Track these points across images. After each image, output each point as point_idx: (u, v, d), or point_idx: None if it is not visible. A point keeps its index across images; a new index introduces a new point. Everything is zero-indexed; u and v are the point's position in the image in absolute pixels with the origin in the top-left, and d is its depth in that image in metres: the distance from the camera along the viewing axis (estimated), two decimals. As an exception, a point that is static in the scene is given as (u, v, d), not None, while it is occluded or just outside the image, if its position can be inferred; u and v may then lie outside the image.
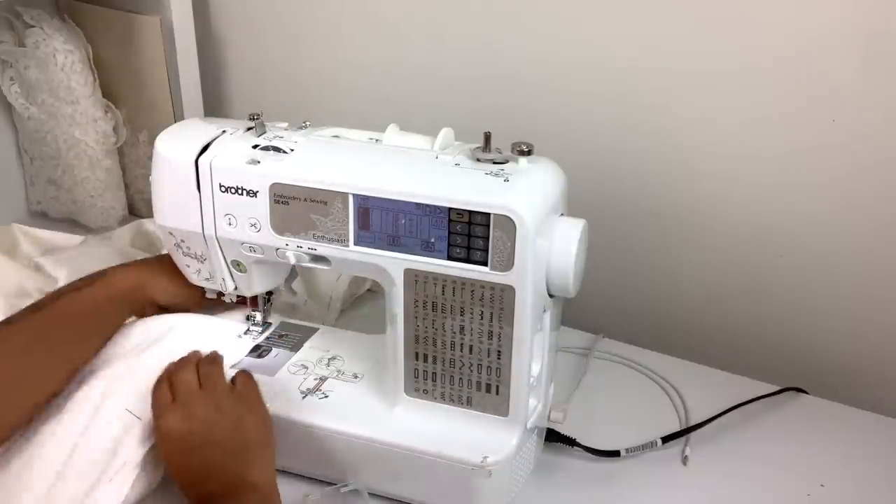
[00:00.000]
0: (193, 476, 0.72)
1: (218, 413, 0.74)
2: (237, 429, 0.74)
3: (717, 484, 0.84)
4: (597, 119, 1.03)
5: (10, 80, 1.19)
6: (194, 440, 0.72)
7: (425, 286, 0.74)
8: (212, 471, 0.72)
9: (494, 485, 0.76)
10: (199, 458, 0.72)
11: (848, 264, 0.97)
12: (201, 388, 0.76)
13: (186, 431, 0.72)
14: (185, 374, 0.77)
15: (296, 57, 1.22)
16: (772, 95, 0.93)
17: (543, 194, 0.72)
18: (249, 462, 0.73)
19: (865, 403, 0.94)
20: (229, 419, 0.74)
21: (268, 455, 0.75)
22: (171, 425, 0.73)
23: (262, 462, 0.74)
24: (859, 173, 0.93)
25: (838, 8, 0.87)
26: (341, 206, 0.73)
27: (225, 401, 0.75)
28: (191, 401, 0.74)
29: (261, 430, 0.76)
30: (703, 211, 1.03)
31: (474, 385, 0.77)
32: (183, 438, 0.73)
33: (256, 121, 0.79)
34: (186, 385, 0.76)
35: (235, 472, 0.72)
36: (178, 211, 0.80)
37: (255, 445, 0.74)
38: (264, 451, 0.75)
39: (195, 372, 0.77)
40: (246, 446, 0.73)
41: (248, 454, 0.73)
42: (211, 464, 0.72)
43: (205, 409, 0.74)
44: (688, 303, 1.09)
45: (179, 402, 0.74)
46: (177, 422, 0.73)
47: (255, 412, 0.76)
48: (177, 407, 0.74)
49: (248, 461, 0.73)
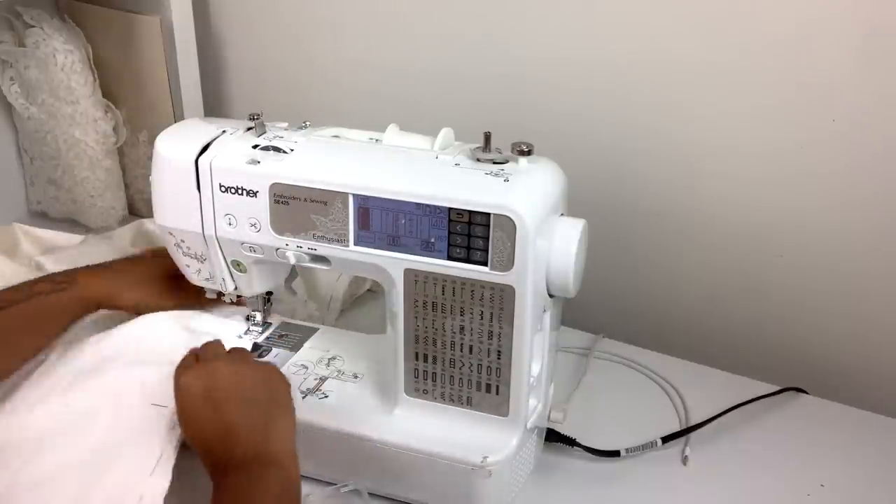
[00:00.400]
0: (216, 436, 0.68)
1: (244, 370, 0.72)
2: (264, 387, 0.71)
3: (717, 484, 0.84)
4: (597, 119, 1.04)
5: (10, 80, 1.19)
6: (217, 396, 0.69)
7: (425, 286, 0.74)
8: (235, 431, 0.68)
9: (494, 485, 0.76)
10: (221, 416, 0.68)
11: (848, 264, 0.97)
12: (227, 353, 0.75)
13: (209, 388, 0.69)
14: (212, 345, 0.76)
15: (296, 57, 1.22)
16: (771, 95, 0.93)
17: (543, 194, 0.72)
18: (273, 427, 0.69)
19: (865, 403, 0.94)
20: (256, 376, 0.72)
21: (290, 426, 0.71)
22: (190, 381, 0.70)
23: (285, 431, 0.70)
24: (859, 173, 0.93)
25: (837, 5, 0.87)
26: (341, 206, 0.73)
27: (251, 362, 0.74)
28: (215, 360, 0.72)
29: (286, 397, 0.73)
30: (703, 211, 1.03)
31: (474, 385, 0.77)
32: (205, 394, 0.69)
33: (256, 121, 0.79)
34: (213, 350, 0.75)
35: (259, 437, 0.68)
36: (178, 211, 0.80)
37: (280, 410, 0.71)
38: (288, 419, 0.71)
39: (223, 346, 0.77)
40: (272, 406, 0.70)
41: (273, 416, 0.70)
42: (235, 423, 0.68)
43: (229, 367, 0.71)
44: (688, 303, 1.09)
45: (203, 362, 0.72)
46: (198, 377, 0.70)
47: (283, 378, 0.74)
48: (200, 366, 0.72)
49: (272, 425, 0.69)
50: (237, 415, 0.69)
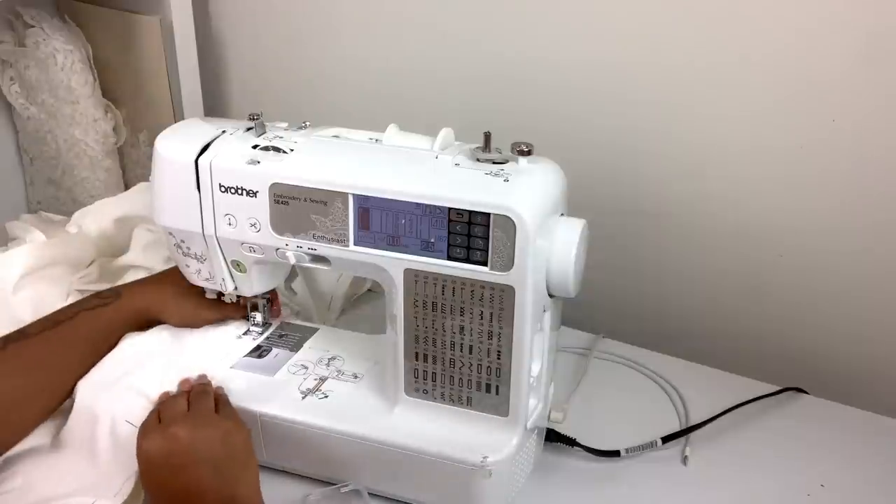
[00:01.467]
0: (178, 499, 0.70)
1: (203, 431, 0.72)
2: (224, 444, 0.72)
3: (717, 484, 0.84)
4: (597, 119, 1.04)
5: (10, 80, 1.19)
6: (176, 461, 0.70)
7: (425, 286, 0.74)
8: (199, 493, 0.69)
9: (494, 485, 0.76)
10: (182, 479, 0.70)
11: (848, 264, 0.97)
12: (188, 411, 0.75)
13: (168, 452, 0.70)
14: (174, 401, 0.76)
15: (296, 57, 1.22)
16: (772, 96, 0.93)
17: (543, 194, 0.72)
18: (237, 480, 0.71)
19: (865, 403, 0.94)
20: (216, 435, 0.72)
21: (252, 473, 0.73)
22: (150, 446, 0.71)
23: (249, 481, 0.72)
24: (860, 173, 0.93)
25: (837, 6, 0.87)
26: (341, 206, 0.73)
27: (210, 419, 0.74)
28: (174, 422, 0.72)
29: (247, 449, 0.74)
30: (704, 211, 1.03)
31: (474, 385, 0.77)
32: (164, 459, 0.70)
33: (256, 121, 0.79)
34: (173, 410, 0.75)
35: (225, 492, 0.70)
36: (178, 211, 0.80)
37: (242, 463, 0.72)
38: (251, 470, 0.73)
39: (185, 398, 0.77)
40: (233, 463, 0.71)
41: (235, 471, 0.71)
42: (197, 485, 0.69)
43: (189, 430, 0.71)
44: (688, 303, 1.09)
45: (163, 424, 0.73)
46: (158, 441, 0.71)
47: (240, 430, 0.75)
48: (160, 428, 0.72)
49: (235, 479, 0.71)
50: (200, 474, 0.70)
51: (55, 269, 0.96)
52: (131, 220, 1.04)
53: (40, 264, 0.95)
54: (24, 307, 0.92)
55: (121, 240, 1.03)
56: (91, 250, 1.01)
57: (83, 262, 1.00)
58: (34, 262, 0.94)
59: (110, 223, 1.03)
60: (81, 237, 1.01)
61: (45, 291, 0.94)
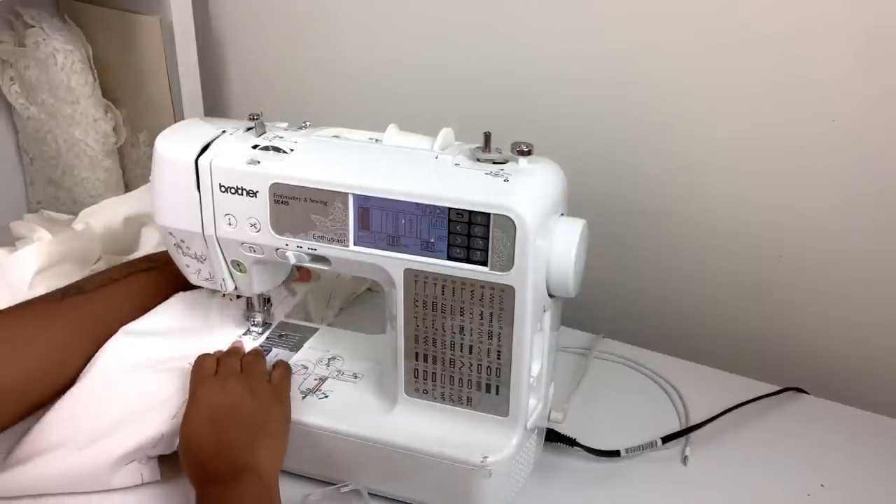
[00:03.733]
0: (207, 451, 0.73)
1: (250, 396, 0.76)
2: (263, 415, 0.75)
3: (717, 484, 0.84)
4: (597, 119, 1.04)
5: (10, 80, 1.19)
6: (220, 415, 0.74)
7: (425, 286, 0.74)
8: (226, 449, 0.72)
9: (494, 485, 0.76)
10: (218, 434, 0.73)
11: (848, 264, 0.97)
12: (242, 372, 0.79)
13: (217, 405, 0.75)
14: (229, 357, 0.82)
15: (296, 57, 1.22)
16: (772, 95, 0.93)
17: (543, 194, 0.72)
18: (261, 448, 0.73)
19: (865, 403, 0.94)
20: (259, 404, 0.76)
21: (280, 448, 0.75)
22: (205, 395, 0.76)
23: (272, 453, 0.74)
24: (859, 172, 0.93)
25: (837, 4, 0.87)
26: (341, 206, 0.73)
27: (260, 387, 0.78)
28: (230, 378, 0.77)
29: (281, 424, 0.77)
30: (704, 211, 1.03)
31: (474, 385, 0.77)
32: (212, 411, 0.74)
33: (256, 121, 0.79)
34: (229, 365, 0.80)
35: (245, 454, 0.72)
36: (177, 211, 0.80)
37: (272, 435, 0.75)
38: (278, 443, 0.75)
39: (239, 358, 0.81)
40: (264, 433, 0.74)
41: (262, 440, 0.74)
42: (227, 442, 0.72)
43: (240, 389, 0.76)
44: (688, 303, 1.09)
45: (220, 376, 0.78)
46: (212, 393, 0.75)
47: (282, 405, 0.78)
48: (216, 380, 0.77)
49: (260, 447, 0.73)
50: (233, 433, 0.73)
51: (66, 266, 0.98)
52: (139, 219, 1.06)
53: (53, 261, 0.96)
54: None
55: (127, 238, 1.05)
56: (97, 247, 1.03)
57: (90, 258, 1.02)
58: (47, 259, 0.96)
59: (118, 221, 1.04)
60: (88, 234, 1.02)
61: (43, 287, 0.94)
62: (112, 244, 1.04)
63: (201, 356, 0.82)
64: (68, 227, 1.04)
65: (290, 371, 0.83)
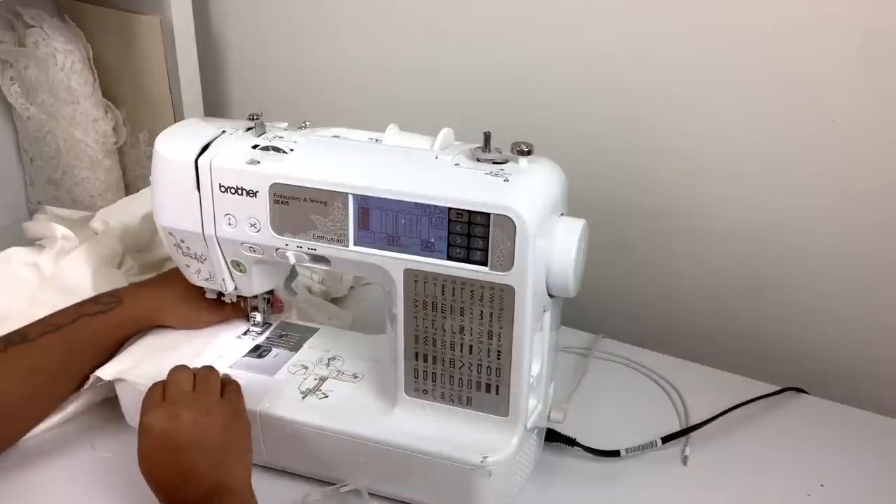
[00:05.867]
0: (172, 480, 0.70)
1: (206, 417, 0.72)
2: (224, 436, 0.72)
3: (717, 484, 0.84)
4: (597, 119, 1.04)
5: (10, 80, 1.19)
6: (177, 441, 0.70)
7: (425, 286, 0.74)
8: (193, 476, 0.70)
9: (494, 485, 0.76)
10: (180, 461, 0.70)
11: (848, 264, 0.97)
12: (193, 392, 0.75)
13: (170, 431, 0.71)
14: (179, 376, 0.76)
15: (296, 57, 1.22)
16: (771, 95, 0.93)
17: (543, 194, 0.72)
18: (230, 468, 0.71)
19: (865, 403, 0.94)
20: (216, 424, 0.72)
21: (247, 460, 0.74)
22: (154, 422, 0.71)
23: (242, 466, 0.73)
24: (859, 173, 0.93)
25: (837, 5, 0.87)
26: (341, 206, 0.73)
27: (214, 406, 0.74)
28: (179, 402, 0.72)
29: (244, 439, 0.74)
30: (704, 211, 1.03)
31: (474, 385, 0.77)
32: (166, 438, 0.71)
33: (256, 121, 0.79)
34: (178, 386, 0.74)
35: (216, 478, 0.70)
36: (177, 211, 0.80)
37: (237, 453, 0.73)
38: (245, 455, 0.74)
39: (191, 376, 0.76)
40: (229, 453, 0.72)
41: (230, 460, 0.72)
42: (192, 469, 0.70)
43: (193, 412, 0.72)
44: (688, 303, 1.09)
45: (168, 402, 0.73)
46: (162, 420, 0.71)
47: (240, 420, 0.75)
48: (165, 406, 0.72)
49: (229, 467, 0.71)
50: (197, 459, 0.70)
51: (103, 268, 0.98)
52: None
53: (102, 261, 0.96)
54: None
55: (146, 235, 1.04)
56: (119, 247, 1.02)
57: (115, 258, 1.01)
58: (96, 260, 0.95)
59: (136, 220, 1.03)
60: (111, 234, 1.01)
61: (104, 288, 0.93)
62: (130, 242, 1.04)
63: (152, 385, 0.76)
64: (85, 224, 1.03)
65: (238, 385, 0.79)
